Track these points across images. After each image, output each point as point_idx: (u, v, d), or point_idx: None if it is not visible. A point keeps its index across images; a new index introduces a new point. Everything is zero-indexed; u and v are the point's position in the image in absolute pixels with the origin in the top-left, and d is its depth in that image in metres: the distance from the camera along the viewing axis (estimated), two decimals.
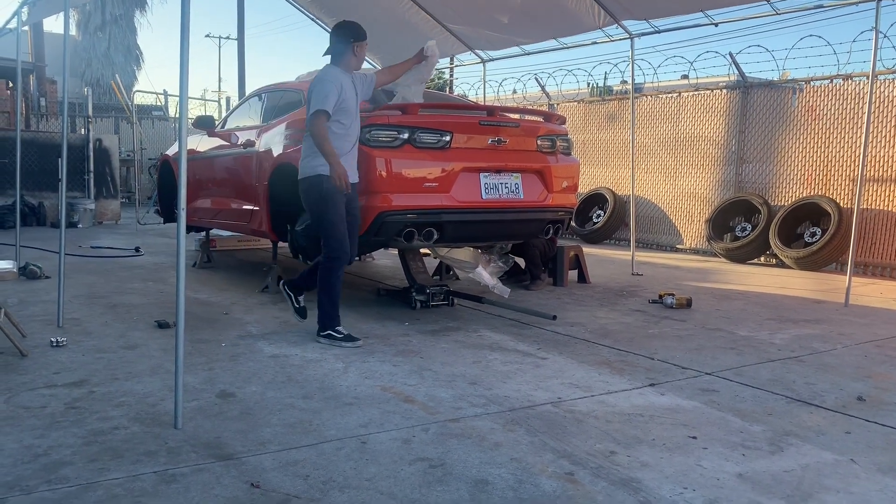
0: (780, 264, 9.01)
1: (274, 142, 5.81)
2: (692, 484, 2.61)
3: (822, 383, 3.90)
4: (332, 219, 4.48)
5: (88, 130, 12.58)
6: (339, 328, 4.53)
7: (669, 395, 3.65)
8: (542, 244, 6.68)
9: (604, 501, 2.45)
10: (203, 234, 7.93)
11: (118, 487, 2.47)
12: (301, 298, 4.89)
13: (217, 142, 6.79)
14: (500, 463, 2.75)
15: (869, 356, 4.52)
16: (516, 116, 5.83)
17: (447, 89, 16.18)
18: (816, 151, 9.06)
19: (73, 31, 31.22)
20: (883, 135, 8.33)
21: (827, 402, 3.58)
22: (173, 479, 2.54)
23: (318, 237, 5.23)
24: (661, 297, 6.08)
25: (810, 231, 8.77)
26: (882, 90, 8.31)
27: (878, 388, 3.85)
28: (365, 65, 5.32)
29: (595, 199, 11.59)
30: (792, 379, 3.97)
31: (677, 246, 10.70)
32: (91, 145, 12.38)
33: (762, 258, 9.40)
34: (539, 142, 5.58)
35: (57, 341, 4.27)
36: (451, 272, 6.98)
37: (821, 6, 6.64)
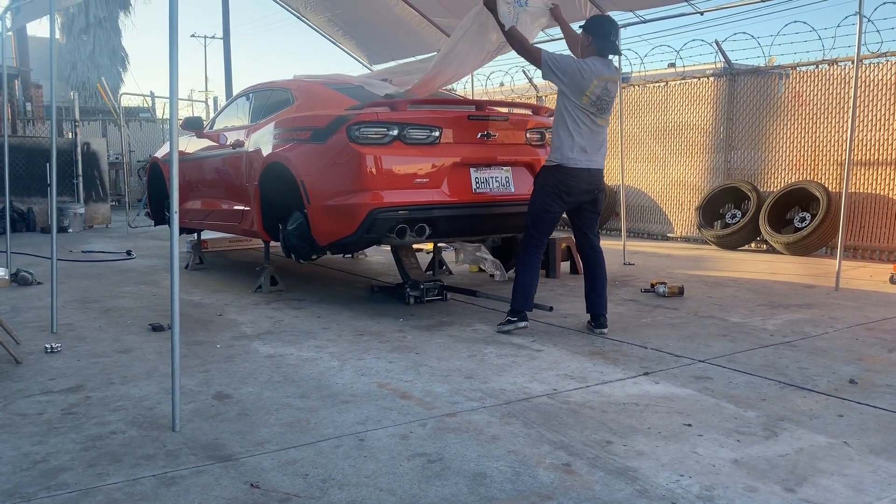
0: (771, 250, 9.06)
1: (263, 141, 5.80)
2: (688, 471, 2.63)
3: (815, 367, 3.94)
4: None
5: (76, 134, 12.51)
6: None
7: (664, 383, 3.68)
8: None
9: (601, 491, 2.48)
10: (195, 235, 7.92)
11: (118, 492, 2.47)
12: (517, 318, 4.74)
13: (206, 143, 6.78)
14: (497, 456, 2.77)
15: (860, 339, 4.56)
16: (505, 110, 5.85)
17: None
18: (804, 137, 9.11)
19: (57, 34, 30.93)
20: (869, 118, 8.38)
21: (819, 386, 3.61)
22: (173, 481, 2.55)
23: (311, 236, 5.24)
24: (653, 285, 6.11)
25: (800, 216, 8.83)
26: (867, 74, 8.35)
27: (869, 370, 3.89)
28: (351, 60, 5.30)
29: None
30: (784, 364, 4.01)
31: (668, 234, 10.74)
32: (79, 149, 12.32)
33: (753, 244, 9.45)
34: (528, 135, 5.59)
35: (51, 347, 4.27)
36: (444, 267, 6.99)
37: None
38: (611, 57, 4.69)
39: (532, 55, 4.68)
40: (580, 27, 4.84)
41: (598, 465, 2.69)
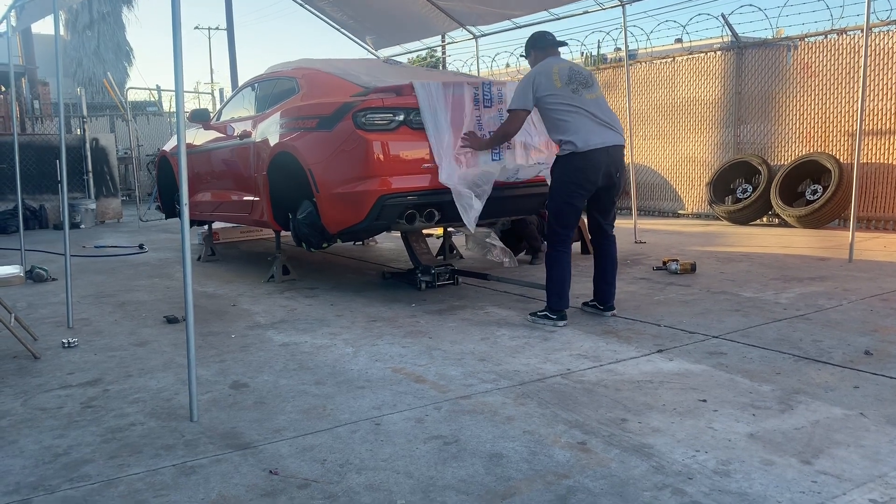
0: (783, 224, 9.01)
1: (270, 131, 5.81)
2: (704, 446, 2.64)
3: (829, 340, 3.93)
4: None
5: (84, 130, 12.56)
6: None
7: (677, 360, 3.67)
8: (540, 218, 6.68)
9: (617, 468, 2.49)
10: (206, 227, 7.96)
11: (139, 482, 2.51)
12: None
13: (213, 134, 6.79)
14: (513, 436, 2.78)
15: (874, 310, 4.54)
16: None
17: (440, 67, 16.09)
18: (814, 108, 9.02)
19: (61, 31, 31.03)
20: (880, 87, 8.29)
21: (834, 358, 3.60)
22: (192, 470, 2.59)
23: (321, 224, 5.25)
24: (665, 263, 6.10)
25: (811, 189, 8.76)
26: (877, 42, 8.25)
27: (884, 341, 3.87)
28: (352, 45, 5.30)
29: None
30: (798, 337, 3.99)
31: (679, 211, 10.69)
32: (88, 145, 12.38)
33: (764, 219, 9.40)
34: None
35: (68, 342, 4.31)
36: (455, 251, 7.00)
37: None
38: (561, 53, 4.66)
39: (514, 121, 4.58)
40: (521, 55, 4.87)
41: (613, 442, 2.70)
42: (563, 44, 4.68)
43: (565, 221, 4.48)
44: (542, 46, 4.63)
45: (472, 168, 5.06)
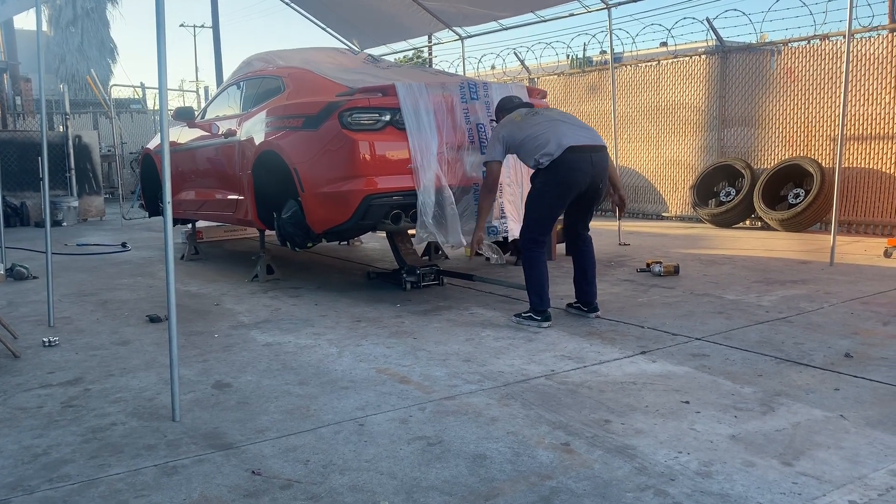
0: (766, 227, 9.09)
1: (255, 130, 5.78)
2: (686, 448, 2.66)
3: (810, 342, 3.96)
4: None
5: (67, 127, 12.44)
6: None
7: (661, 361, 3.69)
8: None
9: (600, 469, 2.50)
10: (189, 226, 7.91)
11: (120, 482, 2.49)
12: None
13: (198, 132, 6.75)
14: (496, 437, 2.79)
15: (855, 313, 4.59)
16: None
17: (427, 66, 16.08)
18: (797, 113, 9.11)
19: (44, 26, 30.73)
20: (861, 93, 8.38)
21: (815, 361, 3.63)
22: (174, 471, 2.57)
23: (306, 224, 5.24)
24: (648, 265, 6.13)
25: (794, 192, 8.84)
26: (859, 48, 8.34)
27: (864, 343, 3.91)
28: (338, 45, 5.27)
29: None
30: (780, 339, 4.03)
31: (663, 214, 10.76)
32: (71, 142, 12.26)
33: (747, 222, 9.47)
34: None
35: (49, 341, 4.27)
36: (440, 252, 7.00)
37: None
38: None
39: (491, 175, 4.60)
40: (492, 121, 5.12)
41: (596, 443, 2.71)
42: (529, 105, 4.90)
43: (543, 228, 4.54)
44: (508, 108, 4.81)
45: (451, 175, 5.08)
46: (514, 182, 5.47)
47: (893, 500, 2.24)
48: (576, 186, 4.38)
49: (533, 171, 4.51)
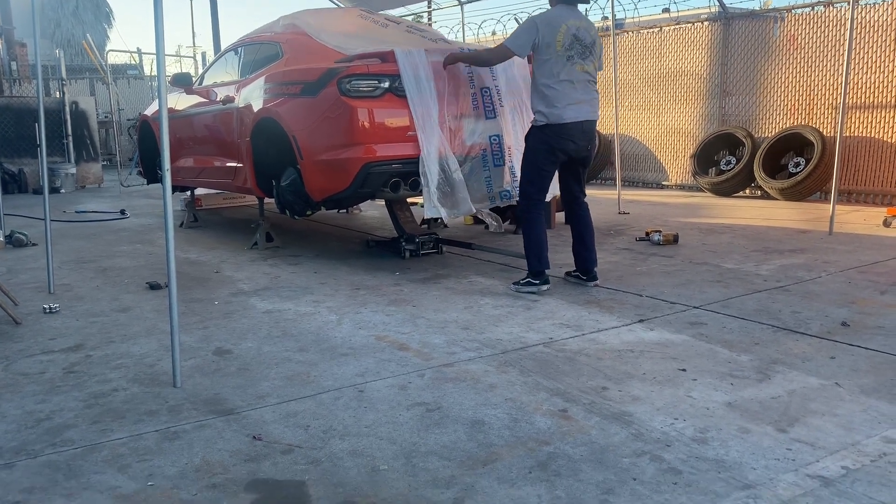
0: (766, 196, 9.07)
1: (253, 96, 5.73)
2: (682, 414, 2.68)
3: (808, 311, 3.98)
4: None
5: (63, 93, 12.33)
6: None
7: (658, 329, 3.72)
8: None
9: (597, 436, 2.53)
10: (188, 193, 7.89)
11: (123, 447, 2.52)
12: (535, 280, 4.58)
13: (196, 99, 6.70)
14: (495, 404, 2.81)
15: (853, 282, 4.60)
16: None
17: None
18: (799, 81, 9.03)
19: None
20: (865, 61, 8.30)
21: (812, 329, 3.66)
22: (176, 436, 2.60)
23: (305, 192, 5.22)
24: (647, 234, 6.13)
25: (794, 161, 8.81)
26: (863, 15, 8.24)
27: (861, 313, 3.93)
28: (330, 6, 5.19)
29: None
30: (778, 308, 4.05)
31: (663, 183, 10.72)
32: (67, 108, 12.15)
33: (747, 191, 9.45)
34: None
35: (49, 308, 4.28)
36: (439, 220, 6.99)
37: None
38: (580, 8, 4.56)
39: (499, 55, 4.61)
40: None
41: (594, 410, 2.74)
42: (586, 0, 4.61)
43: (539, 186, 4.59)
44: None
45: (456, 142, 5.03)
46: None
47: (886, 466, 2.27)
48: (565, 152, 4.50)
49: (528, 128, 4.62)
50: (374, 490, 2.19)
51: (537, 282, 4.52)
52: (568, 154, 4.51)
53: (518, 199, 4.76)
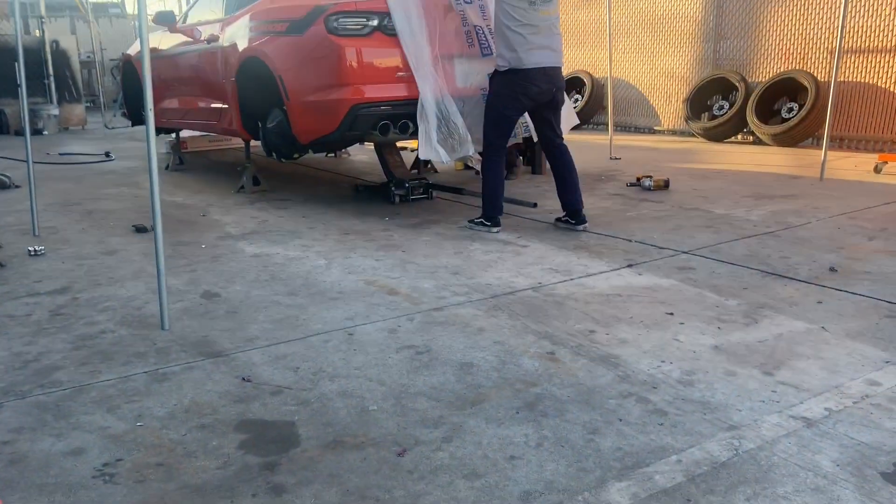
0: (758, 141, 9.03)
1: (238, 35, 5.59)
2: (669, 357, 2.70)
3: (796, 256, 4.00)
4: None
5: (43, 32, 12.00)
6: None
7: (647, 274, 3.72)
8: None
9: (584, 377, 2.55)
10: (173, 135, 7.76)
11: (111, 388, 2.52)
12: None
13: (180, 38, 6.53)
14: (483, 346, 2.83)
15: (842, 228, 4.61)
16: None
17: None
18: (795, 24, 8.89)
19: None
20: (862, 4, 8.17)
21: (800, 275, 3.67)
22: (165, 377, 2.60)
23: (291, 134, 5.14)
24: (638, 179, 6.10)
25: (787, 107, 8.74)
26: None
27: (849, 258, 3.95)
28: None
29: (572, 83, 11.37)
30: (767, 253, 4.06)
31: (655, 128, 10.65)
32: (48, 47, 11.85)
33: (740, 136, 9.40)
34: None
35: (35, 250, 4.24)
36: (429, 165, 6.92)
37: None
38: None
39: None
40: None
41: (581, 353, 2.76)
42: None
43: (501, 131, 4.61)
44: None
45: (452, 83, 4.93)
46: None
47: (867, 407, 2.30)
48: (531, 97, 4.48)
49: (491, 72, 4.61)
50: (363, 429, 2.21)
51: (489, 223, 4.66)
52: (532, 98, 4.49)
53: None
